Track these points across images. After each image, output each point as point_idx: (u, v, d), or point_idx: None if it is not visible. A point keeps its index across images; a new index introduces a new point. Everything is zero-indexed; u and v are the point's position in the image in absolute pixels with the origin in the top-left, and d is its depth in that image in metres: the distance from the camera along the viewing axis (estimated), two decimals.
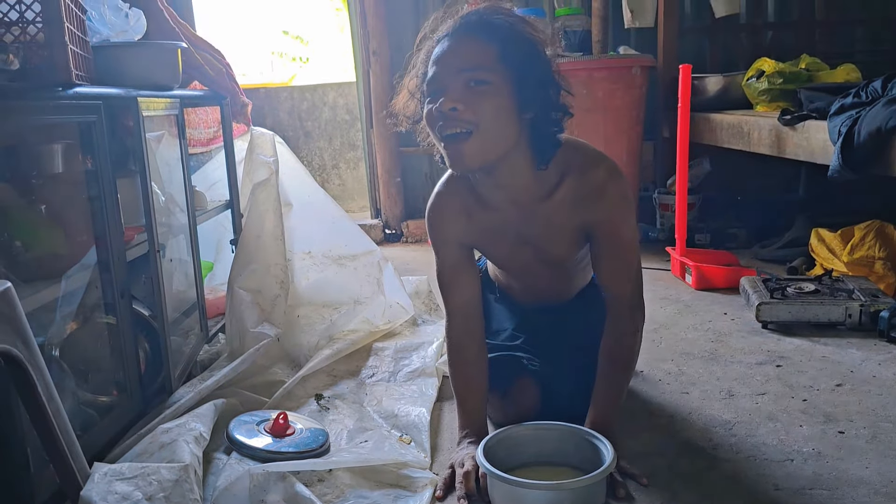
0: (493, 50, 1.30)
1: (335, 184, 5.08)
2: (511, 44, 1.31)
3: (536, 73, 1.33)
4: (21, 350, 1.02)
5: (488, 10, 1.35)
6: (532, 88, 1.33)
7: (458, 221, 1.51)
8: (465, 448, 1.46)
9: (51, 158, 1.54)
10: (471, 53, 1.30)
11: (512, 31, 1.33)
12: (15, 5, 1.36)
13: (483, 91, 1.29)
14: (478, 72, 1.29)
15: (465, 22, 1.34)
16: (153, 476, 1.17)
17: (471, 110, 1.29)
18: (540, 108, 1.35)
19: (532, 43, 1.34)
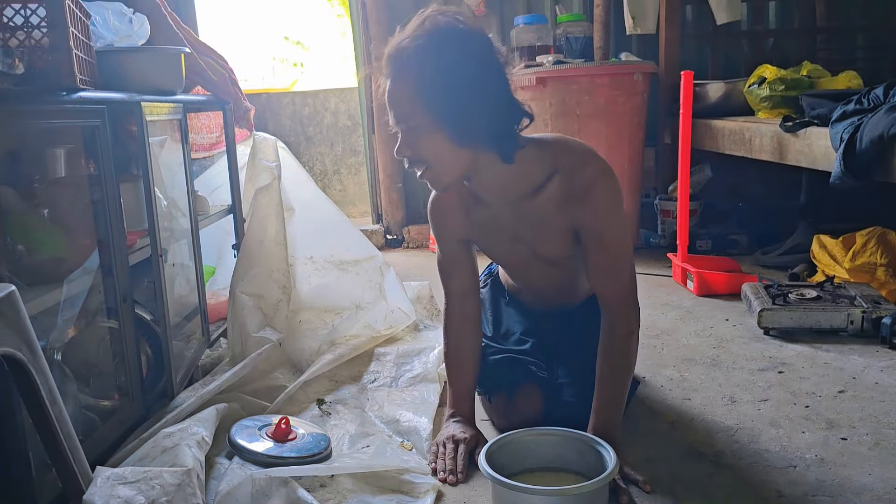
0: (412, 93, 1.33)
1: (336, 189, 5.09)
2: (426, 80, 1.31)
3: (462, 96, 1.31)
4: (25, 353, 1.02)
5: (408, 39, 1.34)
6: (461, 112, 1.32)
7: (457, 216, 1.56)
8: (449, 427, 1.54)
9: (54, 162, 1.55)
10: (397, 102, 1.36)
11: (426, 64, 1.31)
12: (20, 10, 1.36)
13: (417, 134, 1.36)
14: (407, 121, 1.36)
15: (389, 65, 1.35)
16: (156, 480, 1.17)
17: (416, 153, 1.38)
18: (479, 122, 1.34)
19: (450, 65, 1.31)
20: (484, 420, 1.70)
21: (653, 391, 1.84)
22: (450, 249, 1.60)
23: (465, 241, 1.59)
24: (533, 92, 3.17)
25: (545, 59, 3.24)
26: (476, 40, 1.34)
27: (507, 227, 1.52)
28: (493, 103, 1.34)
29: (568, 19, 3.60)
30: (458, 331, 1.64)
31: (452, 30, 1.33)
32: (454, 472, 1.45)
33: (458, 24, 1.34)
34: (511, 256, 1.61)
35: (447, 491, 1.42)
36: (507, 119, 1.38)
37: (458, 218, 1.55)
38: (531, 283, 1.72)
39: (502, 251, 1.61)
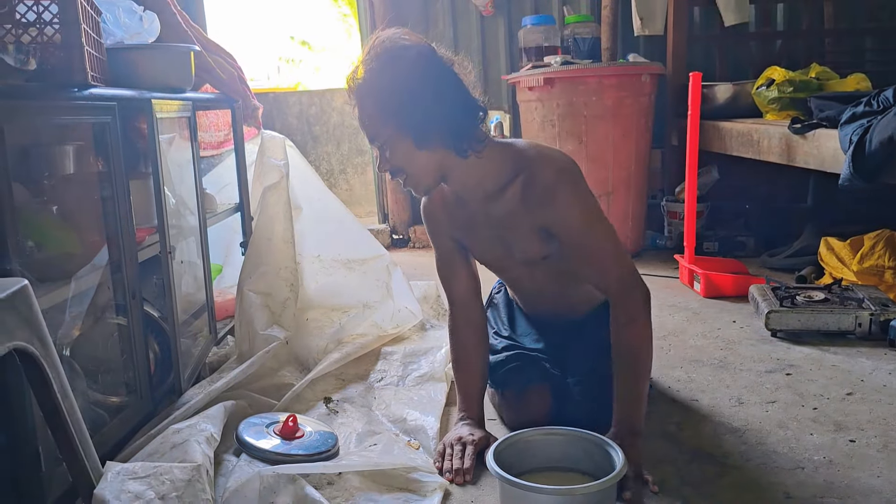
0: (376, 112, 1.42)
1: (343, 188, 5.09)
2: (382, 97, 1.40)
3: (415, 102, 1.39)
4: (37, 347, 1.03)
5: (362, 66, 1.42)
6: (417, 117, 1.39)
7: (444, 215, 1.62)
8: (459, 428, 1.56)
9: (64, 159, 1.55)
10: (365, 123, 1.45)
11: (379, 82, 1.39)
12: (33, 6, 1.37)
13: (389, 147, 1.44)
14: (377, 139, 1.45)
15: (351, 94, 1.45)
16: (166, 476, 1.17)
17: (393, 164, 1.46)
18: (435, 123, 1.41)
19: (399, 77, 1.39)
20: (492, 420, 1.70)
21: (660, 392, 1.84)
22: (445, 252, 1.66)
23: (456, 241, 1.64)
24: (540, 92, 3.17)
25: (553, 59, 3.24)
26: (417, 51, 1.42)
27: (484, 226, 1.57)
28: (445, 103, 1.41)
29: (576, 20, 3.60)
30: (463, 337, 1.67)
31: (395, 47, 1.41)
32: (461, 472, 1.45)
33: (400, 41, 1.42)
34: (491, 255, 1.64)
35: (454, 490, 1.42)
36: (463, 116, 1.44)
37: (445, 219, 1.62)
38: (519, 288, 1.77)
39: (483, 250, 1.64)
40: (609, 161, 3.19)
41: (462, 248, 1.65)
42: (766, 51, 3.73)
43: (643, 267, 3.14)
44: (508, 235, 1.55)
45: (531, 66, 3.33)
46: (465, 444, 1.51)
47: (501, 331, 1.79)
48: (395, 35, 1.43)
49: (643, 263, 3.23)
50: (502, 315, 1.84)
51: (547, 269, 1.61)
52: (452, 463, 1.47)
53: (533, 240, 1.53)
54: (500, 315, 1.85)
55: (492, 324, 1.83)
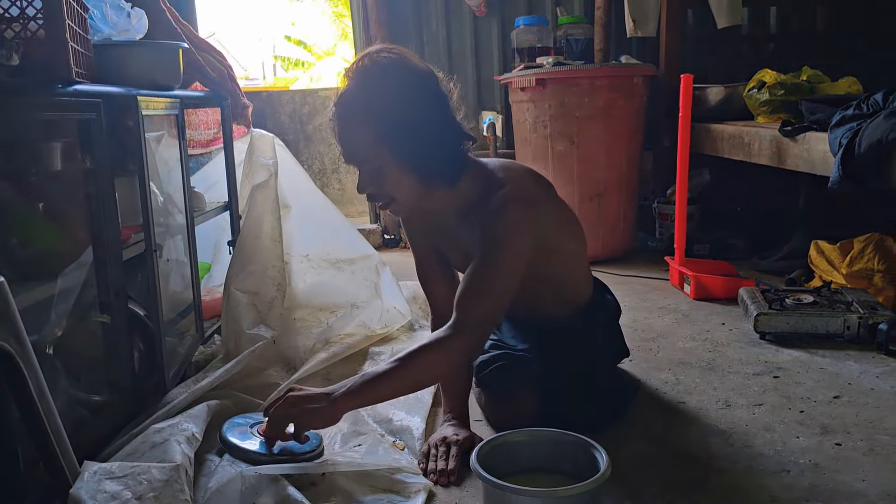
0: (370, 137, 1.38)
1: (335, 188, 5.08)
2: (381, 122, 1.36)
3: (414, 132, 1.38)
4: (13, 346, 1.02)
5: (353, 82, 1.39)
6: (415, 147, 1.39)
7: (420, 223, 1.65)
8: (443, 429, 1.56)
9: (49, 156, 1.54)
10: (353, 148, 1.42)
11: (380, 106, 1.36)
12: (16, 1, 1.36)
13: (379, 173, 1.42)
14: (367, 164, 1.42)
15: (340, 112, 1.40)
16: (143, 476, 1.16)
17: (379, 189, 1.45)
18: (433, 151, 1.40)
19: (402, 104, 1.37)
20: (478, 421, 1.69)
21: (648, 394, 1.83)
22: (423, 255, 1.69)
23: (434, 247, 1.66)
24: (532, 93, 3.17)
25: (545, 60, 3.24)
26: (415, 72, 1.40)
27: (457, 237, 1.57)
28: (441, 129, 1.41)
29: (569, 21, 3.60)
30: None
31: (391, 65, 1.38)
32: (445, 473, 1.44)
33: (396, 59, 1.39)
34: (461, 261, 1.63)
35: (439, 491, 1.41)
36: (454, 142, 1.44)
37: (422, 227, 1.65)
38: None
39: (458, 259, 1.66)
40: (601, 162, 3.19)
41: (440, 254, 1.68)
42: (759, 53, 3.74)
43: (634, 269, 3.15)
44: (467, 248, 1.54)
45: (524, 67, 3.33)
46: (450, 444, 1.50)
47: None
48: (387, 49, 1.41)
49: (634, 265, 3.23)
50: None
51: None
52: (437, 464, 1.47)
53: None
54: None
55: None
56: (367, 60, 1.39)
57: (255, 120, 2.51)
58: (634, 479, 1.42)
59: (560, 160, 3.19)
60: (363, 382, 1.39)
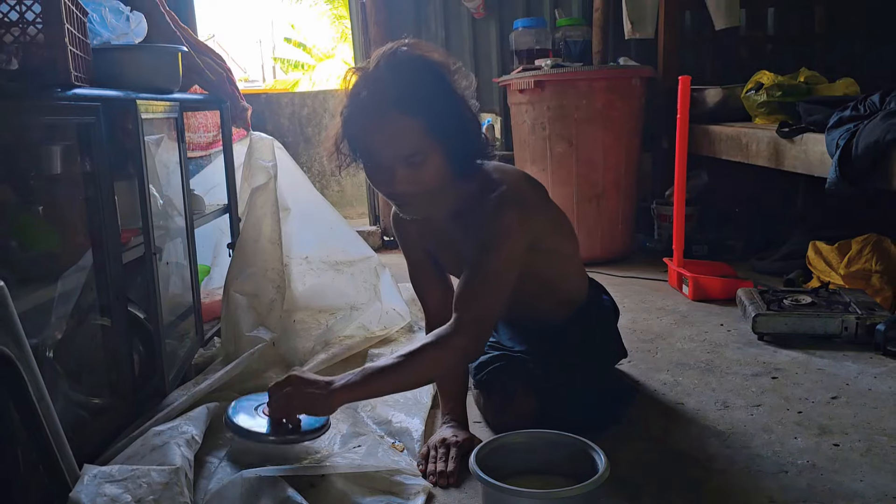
0: (419, 125, 1.34)
1: (334, 190, 5.09)
2: (432, 110, 1.34)
3: (456, 122, 1.38)
4: (12, 349, 1.02)
5: (401, 68, 1.35)
6: (457, 139, 1.38)
7: (413, 228, 1.63)
8: (442, 430, 1.56)
9: (49, 159, 1.54)
10: (401, 139, 1.34)
11: (428, 93, 1.35)
12: (15, 6, 1.36)
13: (421, 165, 1.36)
14: (413, 156, 1.35)
15: (385, 98, 1.33)
16: (143, 479, 1.16)
17: (417, 185, 1.38)
18: (469, 140, 1.41)
19: (446, 93, 1.37)
20: (477, 423, 1.70)
21: (646, 395, 1.84)
22: (416, 262, 1.68)
23: (427, 253, 1.65)
24: (531, 95, 3.18)
25: (544, 62, 3.24)
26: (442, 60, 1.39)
27: (451, 240, 1.57)
28: (471, 113, 1.41)
29: (567, 23, 3.61)
30: None
31: (419, 55, 1.37)
32: (445, 475, 1.44)
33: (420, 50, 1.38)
34: (458, 269, 1.60)
35: (438, 493, 1.42)
36: (480, 128, 1.45)
37: (415, 231, 1.63)
38: None
39: (451, 263, 1.66)
40: (599, 164, 3.19)
41: (433, 259, 1.67)
42: (757, 55, 3.75)
43: (632, 270, 3.16)
44: (466, 250, 1.53)
45: (522, 69, 3.33)
46: (450, 446, 1.51)
47: None
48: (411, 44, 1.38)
49: (632, 266, 3.23)
50: None
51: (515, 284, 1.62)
52: (437, 465, 1.47)
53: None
54: None
55: None
56: (392, 54, 1.36)
57: (255, 122, 2.52)
58: (633, 480, 1.42)
59: (559, 162, 3.20)
60: (364, 377, 1.39)
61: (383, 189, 1.43)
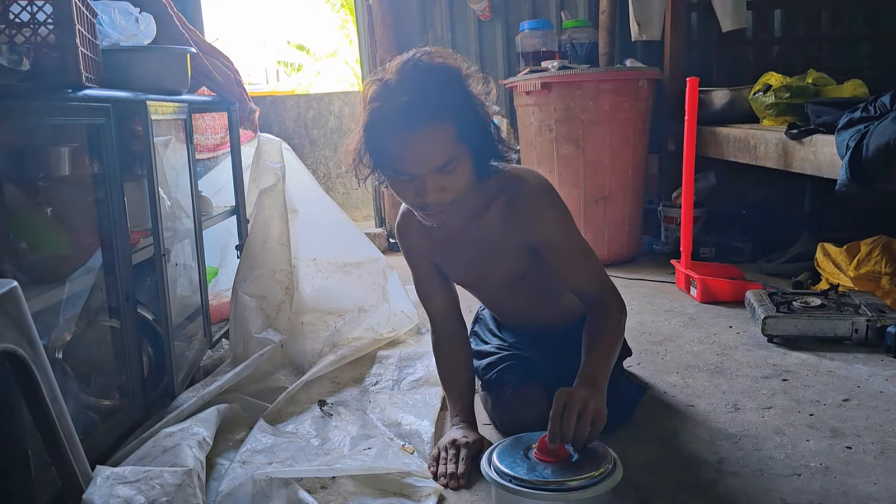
0: (451, 132, 1.33)
1: (340, 192, 5.09)
2: (460, 116, 1.34)
3: (480, 126, 1.38)
4: (26, 350, 1.02)
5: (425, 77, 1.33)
6: (481, 142, 1.39)
7: (420, 236, 1.60)
8: (452, 432, 1.56)
9: (58, 160, 1.54)
10: (436, 149, 1.32)
11: (456, 100, 1.34)
12: (26, 7, 1.36)
13: (453, 172, 1.35)
14: (447, 164, 1.34)
15: (415, 110, 1.30)
16: (156, 480, 1.16)
17: (448, 192, 1.37)
18: (489, 148, 1.41)
19: (468, 97, 1.37)
20: (486, 424, 1.69)
21: (656, 397, 1.83)
22: (422, 270, 1.66)
23: (432, 263, 1.64)
24: (538, 97, 3.17)
25: (550, 64, 3.24)
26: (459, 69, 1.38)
27: (463, 247, 1.57)
28: (491, 123, 1.41)
29: (573, 25, 3.60)
30: (447, 348, 1.69)
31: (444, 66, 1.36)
32: (455, 477, 1.44)
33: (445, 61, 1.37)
34: (468, 276, 1.66)
35: (449, 495, 1.41)
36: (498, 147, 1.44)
37: (422, 240, 1.61)
38: (496, 307, 1.79)
39: (460, 271, 1.65)
40: (606, 166, 3.19)
41: (437, 266, 1.66)
42: (764, 56, 3.74)
43: (640, 272, 3.15)
44: (488, 256, 1.56)
45: (528, 71, 3.33)
46: (460, 447, 1.50)
47: (489, 339, 1.82)
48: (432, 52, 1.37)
49: (640, 268, 3.22)
50: (491, 327, 1.86)
51: (523, 290, 1.63)
52: (447, 467, 1.47)
53: (514, 259, 1.55)
54: (488, 327, 1.87)
55: (480, 337, 1.85)
56: (414, 63, 1.35)
57: (260, 125, 2.52)
58: (645, 482, 1.42)
59: (565, 163, 3.19)
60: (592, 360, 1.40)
61: (411, 199, 1.40)
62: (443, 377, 1.70)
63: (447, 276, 1.68)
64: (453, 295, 1.69)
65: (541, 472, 1.24)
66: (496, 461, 1.28)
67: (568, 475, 1.22)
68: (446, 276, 1.68)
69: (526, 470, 1.24)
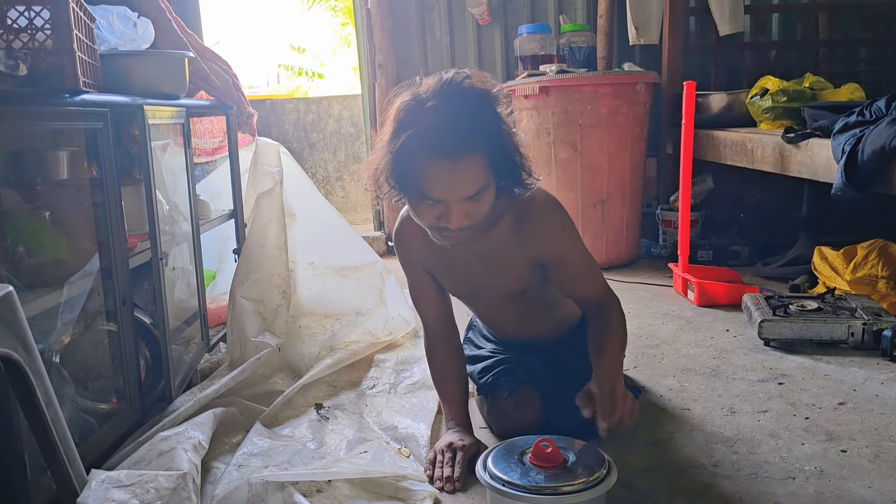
0: (484, 162, 1.32)
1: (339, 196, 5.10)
2: (494, 145, 1.33)
3: (510, 156, 1.37)
4: (21, 354, 1.02)
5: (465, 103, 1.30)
6: (510, 173, 1.39)
7: (418, 248, 1.59)
8: (448, 435, 1.56)
9: (56, 165, 1.55)
10: (469, 179, 1.31)
11: (491, 129, 1.33)
12: (24, 12, 1.37)
13: (480, 200, 1.35)
14: (477, 194, 1.34)
15: (457, 138, 1.27)
16: (151, 484, 1.16)
17: (471, 219, 1.37)
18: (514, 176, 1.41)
19: (500, 125, 1.36)
20: (482, 428, 1.70)
21: (652, 401, 1.83)
22: (418, 278, 1.66)
23: (427, 269, 1.64)
24: (536, 101, 3.18)
25: (548, 68, 3.25)
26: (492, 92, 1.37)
27: (463, 260, 1.57)
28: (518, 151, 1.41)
29: (571, 29, 3.61)
30: (440, 354, 1.69)
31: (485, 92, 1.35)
32: (451, 480, 1.44)
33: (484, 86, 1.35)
34: (464, 288, 1.66)
35: (444, 498, 1.41)
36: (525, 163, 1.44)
37: (420, 250, 1.59)
38: (489, 319, 1.79)
39: (457, 283, 1.65)
40: (604, 169, 3.19)
41: (433, 276, 1.65)
42: (761, 60, 3.75)
43: (637, 275, 3.15)
44: (489, 270, 1.56)
45: (527, 75, 3.33)
46: (456, 450, 1.50)
47: (482, 344, 1.83)
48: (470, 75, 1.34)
49: (637, 272, 3.23)
50: (485, 332, 1.87)
51: (520, 304, 1.64)
52: (444, 471, 1.47)
53: (516, 274, 1.56)
54: (482, 333, 1.88)
55: (474, 342, 1.86)
56: (456, 86, 1.31)
57: (260, 128, 2.53)
58: (640, 485, 1.42)
59: (563, 167, 3.20)
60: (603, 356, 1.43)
61: (431, 221, 1.38)
62: (436, 382, 1.70)
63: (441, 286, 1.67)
64: (447, 302, 1.69)
65: (535, 477, 1.25)
66: (491, 466, 1.29)
67: (563, 480, 1.24)
68: (440, 286, 1.67)
69: (520, 475, 1.25)
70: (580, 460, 1.29)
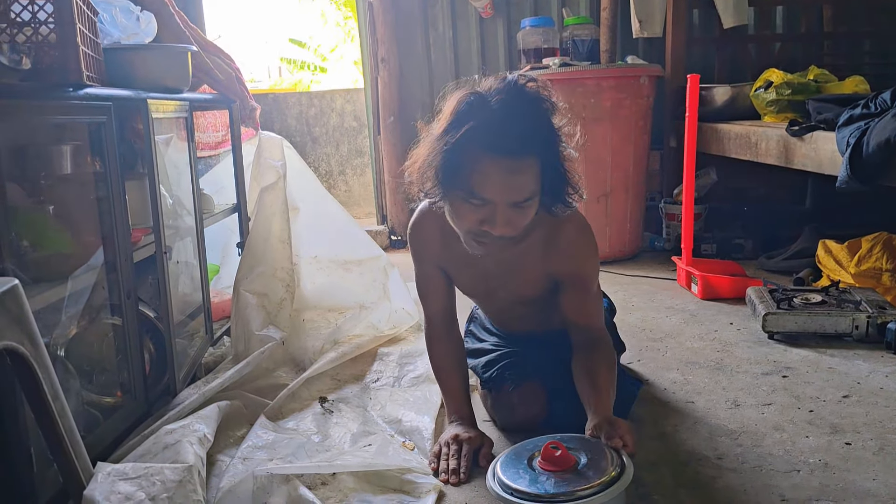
0: (538, 168, 1.32)
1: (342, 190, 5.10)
2: (548, 153, 1.33)
3: (559, 169, 1.37)
4: (27, 348, 1.03)
5: (528, 106, 1.31)
6: (557, 186, 1.38)
7: (435, 244, 1.58)
8: (453, 428, 1.56)
9: (60, 159, 1.55)
10: (523, 181, 1.30)
11: (550, 136, 1.34)
12: (28, 6, 1.37)
13: (527, 208, 1.35)
14: (528, 200, 1.33)
15: (519, 137, 1.27)
16: (157, 476, 1.17)
17: (513, 227, 1.35)
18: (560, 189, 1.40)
19: (557, 136, 1.36)
20: (486, 421, 1.70)
21: (656, 394, 1.84)
22: (428, 273, 1.65)
23: (441, 269, 1.64)
24: None
25: (551, 61, 3.24)
26: (552, 101, 1.37)
27: (481, 265, 1.56)
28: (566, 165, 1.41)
29: (574, 22, 3.60)
30: (442, 347, 1.68)
31: (548, 100, 1.35)
32: (457, 473, 1.44)
33: (546, 91, 1.36)
34: (477, 289, 1.67)
35: (449, 491, 1.42)
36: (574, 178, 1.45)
37: (437, 247, 1.59)
38: (497, 316, 1.79)
39: (470, 283, 1.65)
40: (607, 163, 3.19)
41: (445, 273, 1.64)
42: (765, 53, 3.74)
43: (641, 269, 3.15)
44: (508, 277, 1.57)
45: (530, 68, 3.32)
46: (462, 442, 1.50)
47: (485, 337, 1.83)
48: (532, 79, 1.35)
49: (641, 265, 3.23)
50: (486, 325, 1.87)
51: (532, 305, 1.65)
52: (449, 463, 1.47)
53: (533, 283, 1.57)
54: (484, 325, 1.88)
55: (476, 335, 1.85)
56: (520, 89, 1.31)
57: (262, 123, 2.53)
58: (645, 478, 1.42)
59: None
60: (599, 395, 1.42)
61: (473, 224, 1.35)
62: (438, 375, 1.70)
63: (451, 281, 1.66)
64: (453, 297, 1.69)
65: (544, 483, 1.21)
66: (501, 474, 1.26)
67: (577, 484, 1.20)
68: (450, 281, 1.66)
69: (530, 481, 1.22)
70: (592, 461, 1.26)
